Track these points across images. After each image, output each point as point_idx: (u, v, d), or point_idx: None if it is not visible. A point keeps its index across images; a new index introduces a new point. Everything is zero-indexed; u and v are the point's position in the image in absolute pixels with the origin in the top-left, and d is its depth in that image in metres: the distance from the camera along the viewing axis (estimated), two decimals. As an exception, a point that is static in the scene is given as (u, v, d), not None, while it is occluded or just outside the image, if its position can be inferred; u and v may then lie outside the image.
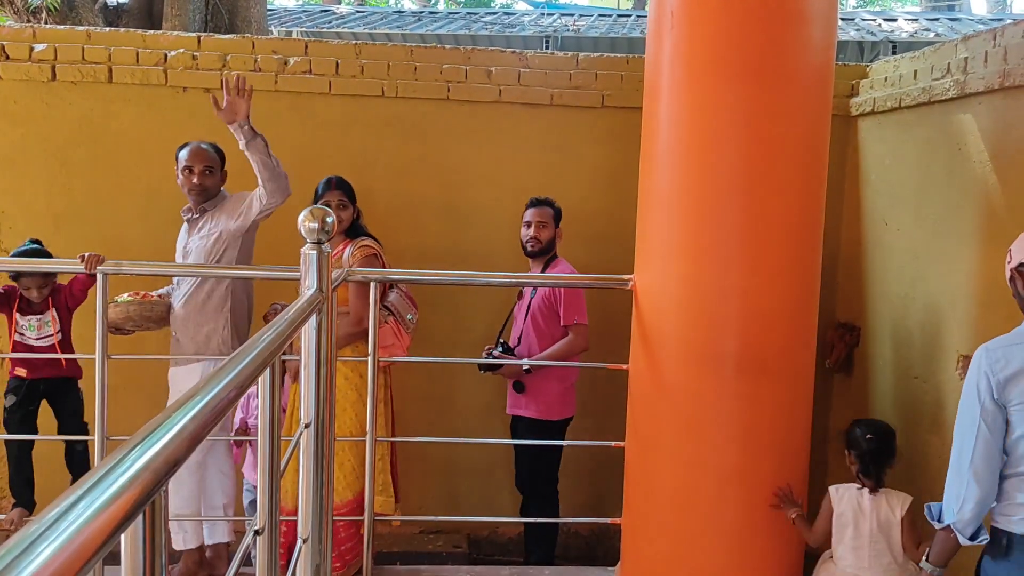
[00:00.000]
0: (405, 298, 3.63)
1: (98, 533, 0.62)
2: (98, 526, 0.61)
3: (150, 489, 0.71)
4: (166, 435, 0.81)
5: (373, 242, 3.53)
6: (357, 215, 3.60)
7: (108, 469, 0.71)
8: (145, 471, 0.73)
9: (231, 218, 3.43)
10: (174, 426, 0.84)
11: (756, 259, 2.78)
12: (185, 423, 0.83)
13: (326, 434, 2.17)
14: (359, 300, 3.39)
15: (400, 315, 3.54)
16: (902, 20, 9.67)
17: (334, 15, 10.38)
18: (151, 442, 0.79)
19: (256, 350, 1.30)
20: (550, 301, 3.70)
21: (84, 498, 0.65)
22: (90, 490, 0.67)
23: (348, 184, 3.57)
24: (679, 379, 2.90)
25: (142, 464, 0.73)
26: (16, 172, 4.09)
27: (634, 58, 4.33)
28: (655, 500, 3.00)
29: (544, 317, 3.70)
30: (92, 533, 0.61)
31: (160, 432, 0.82)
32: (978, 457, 2.09)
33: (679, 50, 2.83)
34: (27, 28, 4.17)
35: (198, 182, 3.44)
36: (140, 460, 0.74)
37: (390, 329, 3.46)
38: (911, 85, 3.66)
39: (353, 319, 3.39)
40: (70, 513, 0.63)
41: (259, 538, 1.45)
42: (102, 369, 2.97)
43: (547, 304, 3.71)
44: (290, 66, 4.13)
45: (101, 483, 0.68)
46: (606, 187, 4.26)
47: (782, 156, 2.75)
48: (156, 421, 0.86)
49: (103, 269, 3.03)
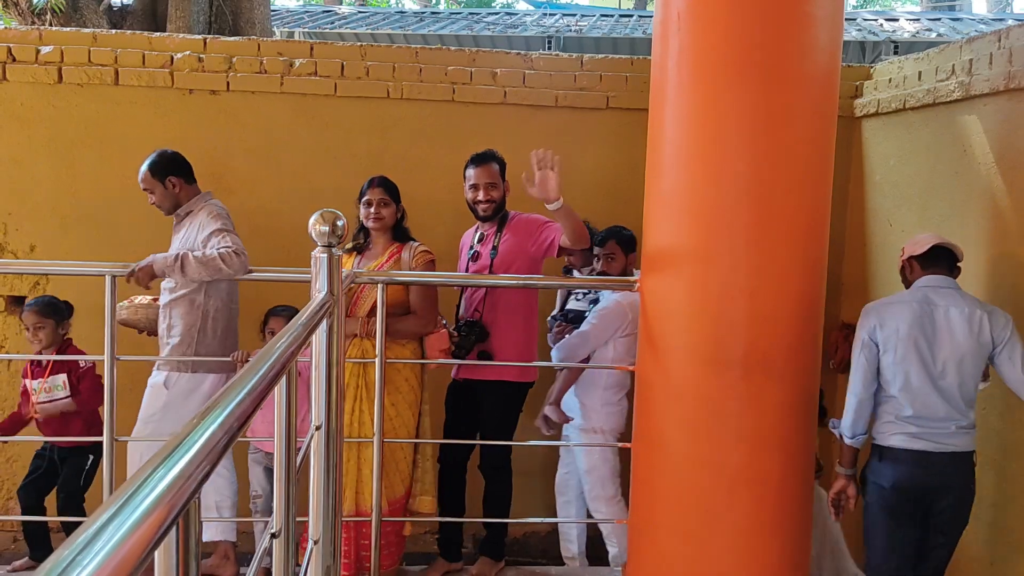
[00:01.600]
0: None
1: (138, 543, 0.63)
2: (140, 535, 0.62)
3: (185, 499, 0.72)
4: (195, 445, 0.82)
5: (427, 247, 3.52)
6: (401, 215, 3.55)
7: (140, 484, 0.72)
8: (178, 481, 0.73)
9: (195, 241, 3.37)
10: (202, 436, 0.85)
11: (763, 260, 2.79)
12: (214, 431, 0.84)
13: (337, 437, 2.18)
14: (426, 303, 3.41)
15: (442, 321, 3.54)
16: (904, 20, 9.68)
17: (336, 15, 10.39)
18: (181, 453, 0.80)
19: (273, 356, 1.31)
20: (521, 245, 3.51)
21: (123, 510, 0.66)
22: (126, 503, 0.68)
23: (391, 183, 3.51)
24: (686, 380, 2.90)
25: (175, 475, 0.74)
26: (23, 174, 4.10)
27: (639, 59, 4.34)
28: (662, 500, 3.01)
29: (521, 264, 3.51)
30: (133, 544, 0.62)
31: (189, 442, 0.83)
32: (857, 381, 2.91)
33: (685, 51, 2.83)
34: (33, 30, 4.19)
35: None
36: (172, 471, 0.75)
37: (446, 334, 3.44)
38: (916, 86, 3.67)
39: (422, 321, 3.40)
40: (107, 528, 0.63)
41: (275, 541, 1.46)
42: (111, 370, 2.98)
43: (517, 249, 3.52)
44: (295, 68, 4.15)
45: (135, 497, 0.69)
46: (611, 188, 4.27)
47: (789, 157, 2.76)
48: (184, 432, 0.86)
49: (112, 271, 3.04)
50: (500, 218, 3.58)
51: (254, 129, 4.16)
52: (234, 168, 4.13)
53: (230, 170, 4.12)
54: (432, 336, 3.41)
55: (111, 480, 3.04)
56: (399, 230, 3.53)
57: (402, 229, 3.54)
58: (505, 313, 3.52)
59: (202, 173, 4.04)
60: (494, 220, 3.57)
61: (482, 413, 3.57)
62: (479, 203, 3.54)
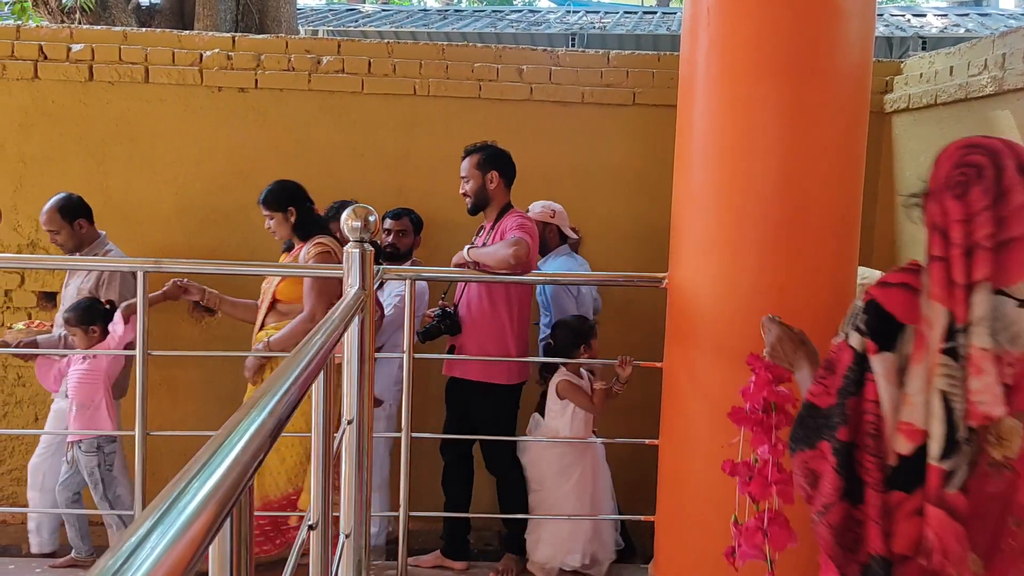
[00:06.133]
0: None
1: (194, 537, 0.64)
2: (196, 529, 0.63)
3: (238, 491, 0.72)
4: (243, 437, 0.83)
5: (330, 239, 3.49)
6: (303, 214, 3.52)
7: (191, 478, 0.72)
8: (230, 473, 0.74)
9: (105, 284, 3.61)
10: (250, 427, 0.86)
11: (793, 257, 2.77)
12: (264, 419, 0.85)
13: (368, 432, 2.19)
14: (310, 297, 3.38)
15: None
16: (931, 16, 9.58)
17: (360, 14, 10.43)
18: (230, 446, 0.80)
19: (312, 350, 1.32)
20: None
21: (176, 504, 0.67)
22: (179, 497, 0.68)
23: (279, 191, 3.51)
24: (714, 377, 2.89)
25: (227, 467, 0.75)
26: (54, 171, 4.15)
27: (665, 55, 4.32)
28: (689, 498, 3.00)
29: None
30: (190, 538, 0.63)
31: (237, 435, 0.84)
32: None
33: (715, 46, 2.82)
34: (64, 29, 4.23)
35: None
36: (223, 464, 0.76)
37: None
38: (947, 81, 3.63)
39: (307, 316, 3.37)
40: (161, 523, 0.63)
41: (312, 532, 1.47)
42: (143, 365, 3.01)
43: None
44: (323, 65, 4.17)
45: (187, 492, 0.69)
46: (637, 185, 4.26)
47: (820, 153, 2.74)
48: (231, 426, 0.87)
49: (143, 267, 3.07)
50: (499, 213, 3.54)
51: (282, 126, 4.19)
52: (262, 165, 4.16)
53: (258, 167, 4.15)
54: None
55: (143, 477, 3.07)
56: (300, 228, 3.51)
57: (305, 227, 3.51)
58: (474, 312, 3.53)
59: (229, 170, 4.09)
60: (478, 213, 3.57)
61: (472, 413, 3.58)
62: (463, 196, 3.56)
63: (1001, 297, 1.40)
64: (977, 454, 1.42)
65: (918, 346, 1.46)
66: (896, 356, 1.47)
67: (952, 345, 1.40)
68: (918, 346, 1.46)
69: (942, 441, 1.39)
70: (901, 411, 1.46)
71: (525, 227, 3.38)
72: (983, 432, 1.42)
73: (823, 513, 1.55)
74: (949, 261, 1.43)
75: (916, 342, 1.46)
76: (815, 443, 1.56)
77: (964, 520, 1.40)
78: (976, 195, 1.42)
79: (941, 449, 1.39)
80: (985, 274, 1.39)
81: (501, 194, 3.53)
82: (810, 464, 1.58)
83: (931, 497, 1.41)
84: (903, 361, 1.47)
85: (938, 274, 1.43)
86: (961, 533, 1.40)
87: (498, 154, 3.53)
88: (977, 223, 1.41)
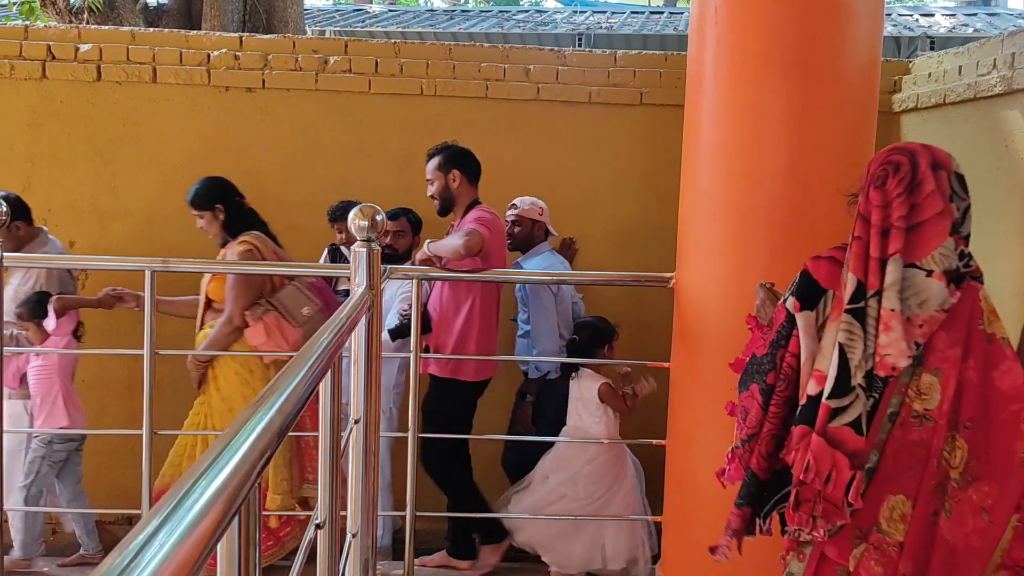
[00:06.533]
0: (305, 291, 3.52)
1: (202, 536, 0.63)
2: (204, 527, 0.63)
3: (246, 490, 0.72)
4: (251, 436, 0.83)
5: (254, 236, 3.46)
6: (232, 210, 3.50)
7: (198, 477, 0.72)
8: (238, 472, 0.74)
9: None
10: (257, 426, 0.86)
11: (800, 257, 2.73)
12: (272, 417, 0.85)
13: (375, 432, 2.19)
14: (230, 294, 3.37)
15: (288, 311, 3.45)
16: (939, 15, 9.54)
17: (367, 14, 10.44)
18: (238, 445, 0.80)
19: (319, 350, 1.32)
20: None
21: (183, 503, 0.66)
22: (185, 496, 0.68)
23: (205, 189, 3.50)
24: (721, 377, 2.87)
25: (234, 466, 0.75)
26: (63, 170, 4.16)
27: (673, 55, 4.32)
28: (697, 498, 2.99)
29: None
30: (197, 537, 0.62)
31: (245, 434, 0.84)
32: None
33: (722, 46, 2.81)
34: (72, 29, 4.24)
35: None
36: (230, 463, 0.76)
37: (263, 327, 3.38)
38: (956, 81, 3.62)
39: (225, 320, 3.37)
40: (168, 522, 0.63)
41: (320, 531, 1.47)
42: (150, 364, 3.02)
43: None
44: (330, 65, 4.17)
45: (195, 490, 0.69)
46: (644, 185, 4.25)
47: (828, 153, 2.73)
48: (238, 425, 0.87)
49: (151, 266, 3.07)
50: (466, 210, 3.55)
51: (289, 126, 4.19)
52: (269, 165, 4.17)
53: (265, 167, 4.16)
54: (248, 329, 3.38)
55: (149, 476, 3.08)
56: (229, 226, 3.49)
57: (235, 224, 3.49)
58: (439, 310, 3.55)
59: (237, 170, 4.09)
60: (448, 214, 3.60)
61: (425, 406, 3.54)
62: (431, 198, 3.59)
63: (912, 269, 1.68)
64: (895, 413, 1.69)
65: (835, 308, 1.76)
66: (815, 314, 1.80)
67: (857, 306, 1.70)
68: (835, 308, 1.76)
69: (832, 384, 1.68)
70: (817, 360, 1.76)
71: (482, 220, 3.41)
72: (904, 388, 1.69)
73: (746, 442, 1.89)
74: (868, 240, 1.72)
75: (834, 305, 1.78)
76: (749, 386, 1.91)
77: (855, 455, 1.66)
78: (892, 185, 1.71)
79: (831, 390, 1.69)
80: (897, 248, 1.68)
81: (466, 192, 3.57)
82: (744, 403, 1.92)
83: (817, 428, 1.69)
84: (822, 319, 1.79)
85: (856, 250, 1.74)
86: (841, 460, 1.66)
87: (458, 152, 3.57)
88: (892, 208, 1.70)
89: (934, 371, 1.68)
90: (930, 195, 1.69)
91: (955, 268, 1.71)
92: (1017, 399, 1.67)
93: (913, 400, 1.69)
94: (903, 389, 1.69)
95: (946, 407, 1.67)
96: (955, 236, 1.71)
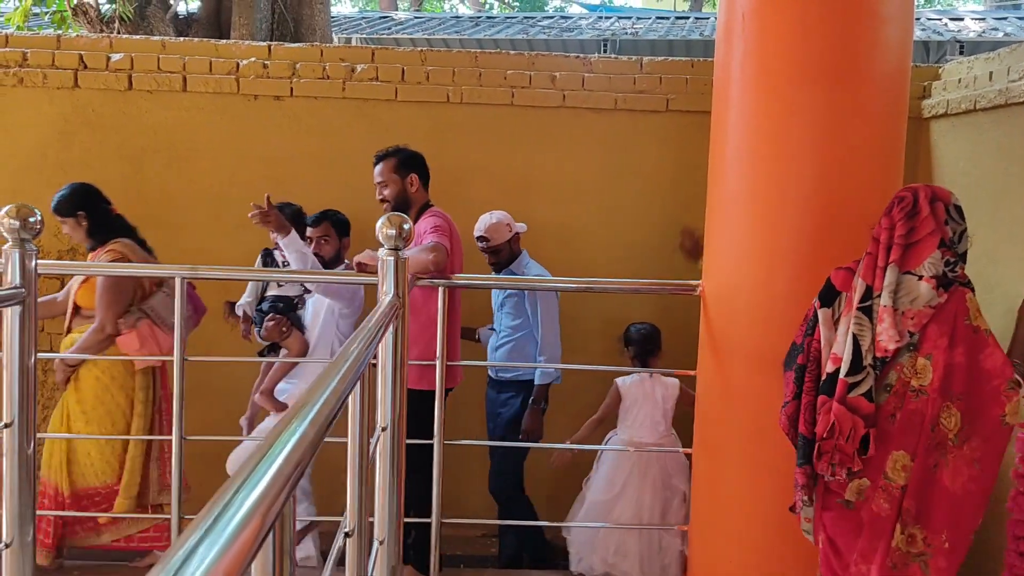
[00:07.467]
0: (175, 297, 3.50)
1: (236, 556, 0.64)
2: (239, 546, 0.63)
3: (279, 507, 0.73)
4: (284, 450, 0.84)
5: (122, 244, 3.47)
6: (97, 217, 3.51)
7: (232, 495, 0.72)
8: (271, 488, 0.74)
9: None
10: (290, 440, 0.86)
11: (829, 264, 2.73)
12: (305, 429, 0.85)
13: (401, 438, 2.20)
14: (99, 302, 3.38)
15: (160, 317, 3.47)
16: (969, 19, 9.44)
17: (393, 21, 10.50)
18: (271, 460, 0.81)
19: (350, 359, 1.33)
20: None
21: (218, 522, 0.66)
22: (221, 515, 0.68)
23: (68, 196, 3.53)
24: (749, 385, 2.87)
25: (267, 482, 0.75)
26: (93, 178, 4.18)
27: (699, 61, 4.30)
28: (724, 507, 2.97)
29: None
30: (232, 557, 0.63)
31: (277, 448, 0.84)
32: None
33: (750, 52, 2.80)
34: (104, 38, 4.30)
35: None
36: (264, 479, 0.76)
37: (136, 335, 3.41)
38: (987, 87, 3.58)
39: (97, 327, 3.38)
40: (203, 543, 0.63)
41: (349, 540, 1.47)
42: (180, 371, 3.04)
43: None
44: (357, 73, 4.20)
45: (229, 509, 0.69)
46: (671, 192, 4.24)
47: (857, 160, 2.71)
48: (271, 439, 0.87)
49: (180, 272, 3.11)
50: (418, 213, 3.54)
51: (317, 134, 4.22)
52: (297, 172, 4.20)
53: (293, 174, 4.19)
54: (121, 338, 3.40)
55: (179, 482, 3.11)
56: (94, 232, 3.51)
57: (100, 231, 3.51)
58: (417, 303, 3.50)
59: (265, 177, 4.13)
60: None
61: None
62: (381, 202, 3.57)
63: (908, 275, 2.19)
64: (891, 385, 2.20)
65: (847, 306, 2.28)
66: (831, 311, 2.33)
67: (866, 305, 2.22)
68: (847, 306, 2.28)
69: (848, 364, 2.19)
70: (833, 346, 2.27)
71: (440, 229, 3.38)
72: (901, 368, 2.18)
73: (783, 408, 2.39)
74: (877, 254, 2.25)
75: (846, 304, 2.30)
76: (790, 367, 2.40)
77: (868, 417, 2.16)
78: (896, 212, 2.24)
79: (847, 369, 2.19)
80: (895, 258, 2.20)
81: (420, 195, 3.59)
82: (786, 378, 2.42)
83: (836, 397, 2.19)
84: (837, 315, 2.32)
85: (867, 261, 2.27)
86: (858, 422, 2.15)
87: (413, 156, 3.60)
88: (895, 228, 2.22)
89: (927, 355, 2.17)
90: (925, 219, 2.20)
91: (942, 274, 2.18)
92: (997, 376, 2.15)
93: (910, 378, 2.18)
94: (901, 368, 2.19)
95: (936, 383, 2.15)
96: (943, 249, 2.19)
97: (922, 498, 2.18)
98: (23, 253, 2.18)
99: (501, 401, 3.84)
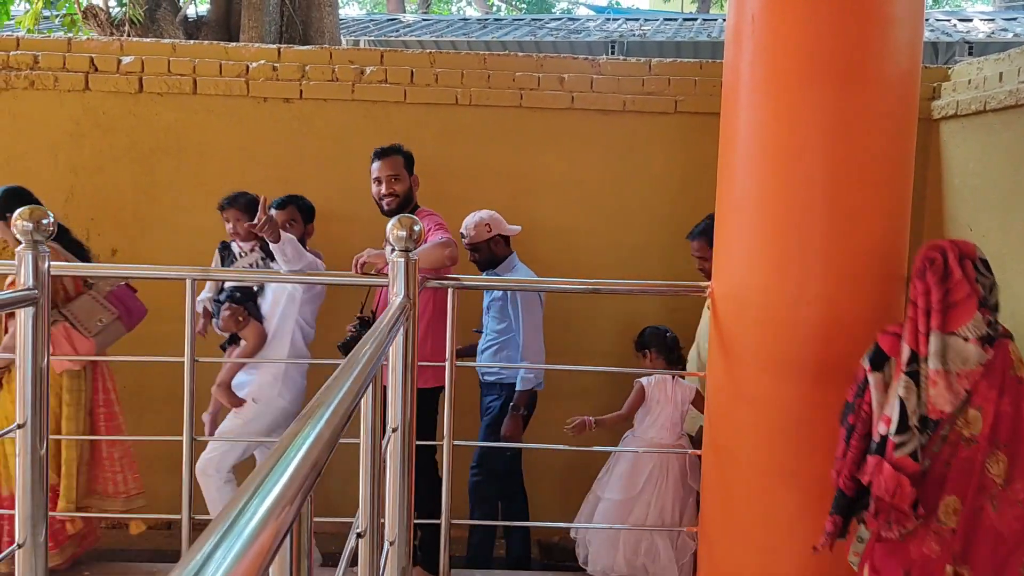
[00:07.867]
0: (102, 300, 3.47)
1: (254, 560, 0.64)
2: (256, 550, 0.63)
3: (296, 510, 0.73)
4: (299, 452, 0.84)
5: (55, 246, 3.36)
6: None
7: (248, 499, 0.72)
8: (289, 490, 0.75)
9: None
10: (305, 442, 0.87)
11: (840, 266, 2.74)
12: (321, 429, 0.86)
13: (411, 440, 2.20)
14: None
15: (80, 321, 3.41)
16: (978, 20, 9.41)
17: (401, 24, 10.51)
18: (286, 463, 0.81)
19: (362, 361, 1.33)
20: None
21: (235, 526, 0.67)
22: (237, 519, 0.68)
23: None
24: (759, 387, 2.86)
25: (285, 483, 0.76)
26: (105, 180, 4.24)
27: (707, 63, 4.30)
28: (733, 510, 2.97)
29: None
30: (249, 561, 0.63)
31: (293, 451, 0.84)
32: None
33: (759, 53, 2.79)
34: (115, 41, 4.33)
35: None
36: (281, 481, 0.76)
37: (86, 340, 3.36)
38: (996, 88, 3.57)
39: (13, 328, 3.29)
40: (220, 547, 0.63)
41: (361, 540, 1.48)
42: (191, 372, 3.06)
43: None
44: (366, 75, 4.21)
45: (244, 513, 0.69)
46: (679, 193, 4.24)
47: (867, 161, 2.71)
48: (285, 443, 0.88)
49: (191, 274, 3.12)
50: (411, 212, 3.54)
51: (326, 136, 4.24)
52: (306, 174, 4.22)
53: (302, 176, 4.20)
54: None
55: (190, 484, 3.12)
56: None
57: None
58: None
59: (274, 179, 4.14)
60: (394, 215, 3.53)
61: None
62: (383, 197, 3.57)
63: (952, 337, 2.27)
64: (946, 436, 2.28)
65: (897, 370, 2.35)
66: (882, 375, 2.39)
67: (911, 369, 2.29)
68: (897, 370, 2.35)
69: (896, 426, 2.28)
70: (884, 408, 2.34)
71: (444, 226, 3.43)
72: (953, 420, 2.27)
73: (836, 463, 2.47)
74: (916, 319, 2.30)
75: (896, 368, 2.36)
76: (842, 423, 2.47)
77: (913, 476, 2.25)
78: (929, 277, 2.29)
79: (894, 430, 2.28)
80: (936, 325, 2.26)
81: (414, 195, 3.67)
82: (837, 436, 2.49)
83: (887, 457, 2.29)
84: (888, 379, 2.38)
85: (909, 327, 2.33)
86: (904, 480, 2.24)
87: (412, 155, 3.69)
88: (932, 294, 2.28)
89: (977, 407, 2.26)
90: (959, 282, 2.27)
91: (986, 334, 2.26)
92: None
93: (962, 428, 2.28)
94: (953, 420, 2.28)
95: (986, 431, 2.25)
96: (982, 310, 2.27)
97: (969, 539, 2.28)
98: (36, 255, 2.20)
99: (486, 403, 3.85)
